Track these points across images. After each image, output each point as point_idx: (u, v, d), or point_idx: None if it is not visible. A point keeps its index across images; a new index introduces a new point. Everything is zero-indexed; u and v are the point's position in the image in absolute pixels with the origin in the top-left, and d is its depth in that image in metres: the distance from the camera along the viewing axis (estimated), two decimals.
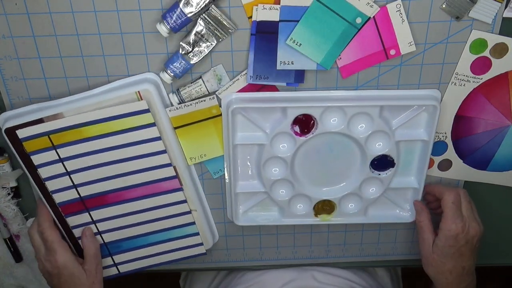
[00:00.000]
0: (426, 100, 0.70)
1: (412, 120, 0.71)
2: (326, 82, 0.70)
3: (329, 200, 0.77)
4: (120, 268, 0.82)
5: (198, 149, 0.73)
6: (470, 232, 0.71)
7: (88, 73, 0.69)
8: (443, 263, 0.72)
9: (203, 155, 0.73)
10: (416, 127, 0.72)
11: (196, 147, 0.72)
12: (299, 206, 0.78)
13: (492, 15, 0.65)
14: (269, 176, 0.74)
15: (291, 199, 0.77)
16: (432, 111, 0.69)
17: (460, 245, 0.71)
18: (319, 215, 0.79)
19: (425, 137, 0.72)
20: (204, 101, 0.68)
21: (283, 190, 0.76)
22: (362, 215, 0.79)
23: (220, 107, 0.70)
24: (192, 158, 0.73)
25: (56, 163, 0.70)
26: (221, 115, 0.70)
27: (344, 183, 0.77)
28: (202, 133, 0.71)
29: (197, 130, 0.71)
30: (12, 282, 0.91)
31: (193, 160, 0.73)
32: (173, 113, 0.69)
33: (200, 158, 0.73)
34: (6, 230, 0.81)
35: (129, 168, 0.72)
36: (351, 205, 0.78)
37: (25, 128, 0.67)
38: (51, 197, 0.73)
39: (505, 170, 0.78)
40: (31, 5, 0.64)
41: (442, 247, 0.72)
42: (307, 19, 0.64)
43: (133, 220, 0.77)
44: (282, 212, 0.79)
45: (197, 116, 0.70)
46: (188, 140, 0.72)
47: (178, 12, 0.63)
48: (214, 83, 0.68)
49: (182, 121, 0.70)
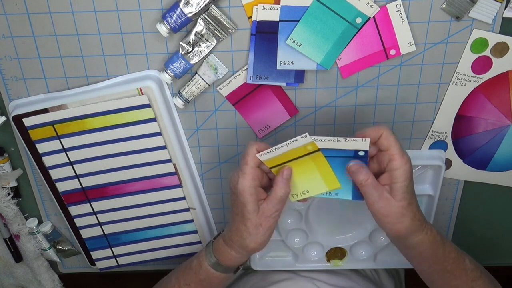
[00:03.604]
0: (432, 160, 0.74)
1: (418, 177, 0.76)
2: (326, 82, 0.70)
3: (341, 247, 0.82)
4: (119, 260, 0.83)
5: (300, 187, 0.64)
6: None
7: (88, 73, 0.69)
8: (411, 209, 0.62)
9: (305, 191, 0.65)
10: (422, 183, 0.77)
11: (296, 184, 0.64)
12: (312, 252, 0.83)
13: (492, 15, 0.65)
14: (285, 226, 0.79)
15: (305, 246, 0.82)
16: (437, 169, 0.74)
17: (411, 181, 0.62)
18: (331, 261, 0.84)
19: (431, 192, 0.76)
20: (296, 140, 0.59)
21: (297, 238, 0.81)
22: (372, 260, 0.84)
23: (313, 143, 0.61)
24: (294, 195, 0.65)
25: (60, 153, 0.72)
26: (320, 150, 0.60)
27: (355, 232, 0.81)
28: (301, 170, 0.63)
29: (295, 167, 0.62)
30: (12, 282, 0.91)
31: (295, 196, 0.65)
32: (264, 157, 0.60)
33: (303, 194, 0.65)
34: (6, 230, 0.81)
35: (130, 162, 0.73)
36: (361, 252, 0.83)
37: (31, 116, 0.69)
38: (55, 186, 0.75)
39: (505, 170, 0.78)
40: (31, 5, 0.64)
41: (403, 189, 0.60)
42: (307, 19, 0.64)
43: (132, 213, 0.78)
44: (296, 257, 0.84)
45: (292, 155, 0.61)
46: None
47: (178, 12, 0.63)
48: (211, 74, 0.68)
49: (276, 161, 0.62)
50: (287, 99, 0.72)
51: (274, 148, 0.59)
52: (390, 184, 0.61)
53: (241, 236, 0.63)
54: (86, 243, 0.81)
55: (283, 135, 0.75)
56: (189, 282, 0.69)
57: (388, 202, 0.61)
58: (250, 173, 0.61)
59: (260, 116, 0.73)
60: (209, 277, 0.68)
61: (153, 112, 0.68)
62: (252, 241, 0.64)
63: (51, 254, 0.86)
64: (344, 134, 0.75)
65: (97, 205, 0.77)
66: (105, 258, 0.83)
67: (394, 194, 0.61)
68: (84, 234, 0.80)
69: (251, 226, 0.62)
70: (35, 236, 0.82)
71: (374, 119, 0.74)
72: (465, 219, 0.84)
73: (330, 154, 0.60)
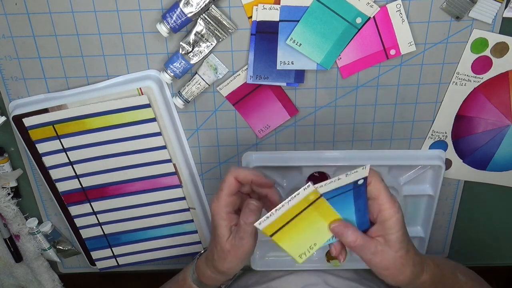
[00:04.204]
0: (432, 160, 0.74)
1: (418, 176, 0.76)
2: (326, 82, 0.70)
3: None
4: (119, 260, 0.83)
5: (305, 243, 0.59)
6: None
7: (88, 73, 0.69)
8: (410, 256, 0.59)
9: (313, 245, 0.60)
10: (422, 183, 0.77)
11: (301, 243, 0.59)
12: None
13: (492, 15, 0.65)
14: None
15: None
16: (437, 169, 0.74)
17: (405, 227, 0.59)
18: (331, 261, 0.83)
19: (431, 192, 0.76)
20: (298, 194, 0.54)
21: None
22: None
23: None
24: (302, 255, 0.60)
25: (60, 153, 0.72)
26: (322, 197, 0.56)
27: None
28: (304, 225, 0.58)
29: (298, 225, 0.57)
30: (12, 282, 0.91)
31: (303, 256, 0.60)
32: (263, 225, 0.54)
33: (310, 250, 0.60)
34: (6, 230, 0.81)
35: (130, 162, 0.73)
36: None
37: (31, 116, 0.69)
38: (55, 186, 0.75)
39: (505, 170, 0.78)
40: (31, 5, 0.64)
41: (400, 239, 0.57)
42: (307, 19, 0.64)
43: (132, 213, 0.78)
44: None
45: (293, 212, 0.56)
46: (290, 241, 0.59)
47: (178, 12, 0.63)
48: (211, 74, 0.68)
49: (276, 226, 0.56)
50: (287, 99, 0.72)
51: (274, 211, 0.54)
52: (383, 236, 0.58)
53: (213, 257, 0.64)
54: (86, 243, 0.81)
55: (283, 135, 0.75)
56: None
57: (385, 254, 0.58)
58: (224, 200, 0.61)
59: (260, 116, 0.73)
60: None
61: (153, 112, 0.68)
62: (220, 265, 0.63)
63: (51, 254, 0.86)
64: (344, 134, 0.75)
65: (97, 205, 0.77)
66: (105, 258, 0.83)
67: (390, 245, 0.58)
68: (84, 234, 0.80)
69: (220, 250, 0.62)
70: (35, 236, 0.82)
71: (374, 119, 0.74)
72: (465, 219, 0.84)
73: (330, 195, 0.56)
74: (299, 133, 0.75)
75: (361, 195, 0.57)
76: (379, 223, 0.58)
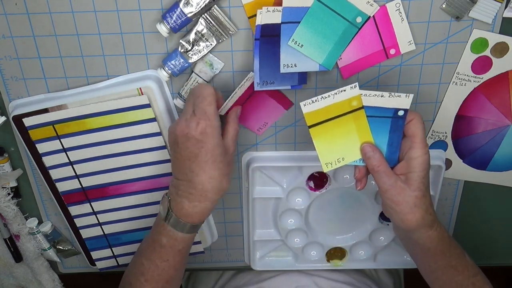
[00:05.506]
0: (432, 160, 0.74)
1: None
2: (327, 83, 0.70)
3: (341, 247, 0.82)
4: (119, 260, 0.83)
5: (336, 153, 0.60)
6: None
7: (88, 73, 0.69)
8: (425, 201, 0.61)
9: (341, 159, 0.61)
10: None
11: (333, 149, 0.60)
12: (312, 252, 0.83)
13: (492, 15, 0.65)
14: (285, 226, 0.79)
15: (305, 246, 0.82)
16: (437, 169, 0.74)
17: (428, 173, 0.61)
18: (331, 261, 0.84)
19: (431, 192, 0.75)
20: (344, 90, 0.55)
21: (297, 238, 0.81)
22: (371, 260, 0.84)
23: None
24: (328, 164, 0.61)
25: (60, 153, 0.72)
26: (363, 108, 0.58)
27: (355, 232, 0.82)
28: (340, 132, 0.59)
29: (335, 128, 0.59)
30: (12, 282, 0.91)
31: (329, 166, 0.61)
32: (307, 108, 0.56)
33: (337, 163, 0.61)
34: (6, 230, 0.81)
35: (130, 162, 0.73)
36: (361, 252, 0.83)
37: (31, 116, 0.69)
38: (55, 186, 0.75)
39: (505, 170, 0.78)
40: (31, 5, 0.64)
41: (420, 179, 0.59)
42: (308, 19, 0.64)
43: (132, 213, 0.78)
44: (296, 257, 0.84)
45: (335, 110, 0.57)
46: (323, 141, 0.60)
47: (178, 12, 0.63)
48: (208, 70, 0.68)
49: (317, 117, 0.57)
50: (280, 94, 0.71)
51: (320, 97, 0.56)
52: (406, 174, 0.60)
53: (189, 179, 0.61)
54: (86, 243, 0.81)
55: (283, 135, 0.75)
56: (167, 258, 0.66)
57: (402, 190, 0.60)
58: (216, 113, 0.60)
59: (258, 118, 0.73)
60: (185, 242, 0.65)
61: (153, 112, 0.68)
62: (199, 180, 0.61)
63: (51, 254, 0.86)
64: None
65: (97, 205, 0.77)
66: (105, 258, 0.83)
67: (409, 183, 0.60)
68: (84, 234, 0.80)
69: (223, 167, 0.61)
70: (35, 236, 0.82)
71: None
72: (465, 219, 0.84)
73: (370, 113, 0.57)
74: (299, 133, 0.75)
75: (398, 129, 0.59)
76: (406, 161, 0.60)
